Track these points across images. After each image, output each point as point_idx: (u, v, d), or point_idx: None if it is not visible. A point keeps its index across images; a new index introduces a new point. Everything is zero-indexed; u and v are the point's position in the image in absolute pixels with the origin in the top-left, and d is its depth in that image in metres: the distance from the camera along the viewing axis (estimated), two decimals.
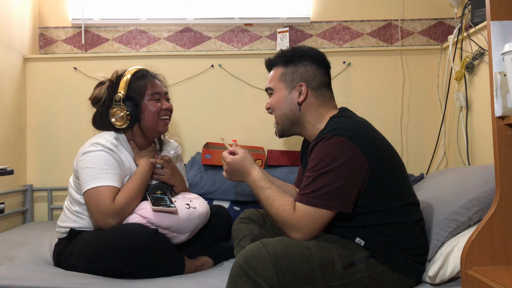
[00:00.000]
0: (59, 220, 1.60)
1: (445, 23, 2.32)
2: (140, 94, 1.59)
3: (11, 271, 1.38)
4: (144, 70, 1.65)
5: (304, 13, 2.33)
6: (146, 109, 1.59)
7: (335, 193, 1.17)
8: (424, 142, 2.27)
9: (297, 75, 1.39)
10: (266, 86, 1.47)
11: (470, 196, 1.33)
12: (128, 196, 1.47)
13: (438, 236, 1.30)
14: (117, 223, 1.44)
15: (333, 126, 1.25)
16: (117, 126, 1.57)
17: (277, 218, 1.23)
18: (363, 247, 1.22)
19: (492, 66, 1.11)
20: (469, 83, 1.98)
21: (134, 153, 1.61)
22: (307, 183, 1.21)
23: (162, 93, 1.64)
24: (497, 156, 1.11)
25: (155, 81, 1.64)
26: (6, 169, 1.41)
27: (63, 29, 2.35)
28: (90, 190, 1.44)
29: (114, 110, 1.56)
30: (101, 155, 1.49)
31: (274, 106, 1.42)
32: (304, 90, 1.37)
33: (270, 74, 1.46)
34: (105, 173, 1.47)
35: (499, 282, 1.00)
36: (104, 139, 1.53)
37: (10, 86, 2.13)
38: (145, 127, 1.61)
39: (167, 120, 1.65)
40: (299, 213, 1.19)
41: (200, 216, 1.55)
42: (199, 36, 2.36)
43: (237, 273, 1.11)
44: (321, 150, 1.21)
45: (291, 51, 1.44)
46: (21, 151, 2.23)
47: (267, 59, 1.49)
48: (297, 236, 1.19)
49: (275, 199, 1.25)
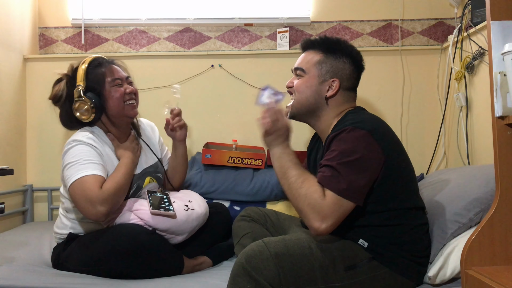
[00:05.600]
0: (56, 226, 1.57)
1: (445, 23, 2.32)
2: (100, 82, 1.51)
3: (11, 272, 1.38)
4: (100, 57, 1.58)
5: (304, 13, 2.33)
6: (109, 97, 1.51)
7: (356, 185, 1.14)
8: (424, 142, 2.27)
9: (334, 70, 1.35)
10: (297, 65, 1.40)
11: (470, 197, 1.32)
12: (116, 183, 1.40)
13: (440, 238, 1.30)
14: (107, 211, 1.36)
15: (353, 120, 1.23)
16: (84, 120, 1.49)
17: (305, 198, 1.14)
18: (366, 248, 1.22)
19: (492, 66, 1.11)
20: (469, 83, 1.98)
21: (114, 145, 1.55)
22: (329, 171, 1.16)
23: (123, 78, 1.56)
24: (497, 156, 1.11)
25: (112, 67, 1.56)
26: (6, 169, 1.41)
27: (63, 29, 2.35)
28: (74, 182, 1.37)
29: (77, 104, 1.48)
30: (80, 149, 1.43)
31: (299, 89, 1.36)
32: (336, 87, 1.35)
33: (305, 54, 1.41)
34: (88, 163, 1.40)
35: (499, 282, 1.00)
36: (80, 135, 1.48)
37: (10, 86, 2.13)
38: (113, 115, 1.53)
39: (133, 103, 1.56)
40: (329, 200, 1.12)
41: (198, 218, 1.54)
42: (199, 36, 2.35)
43: (239, 272, 1.11)
44: (342, 141, 1.18)
45: (336, 42, 1.39)
46: (21, 151, 2.23)
47: (308, 39, 1.43)
48: (321, 226, 1.11)
49: (307, 179, 1.17)
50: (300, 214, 1.18)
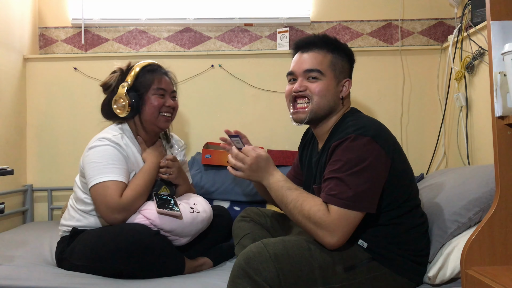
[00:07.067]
0: (63, 218, 1.60)
1: (445, 23, 2.32)
2: (146, 86, 1.58)
3: (11, 271, 1.38)
4: (156, 65, 1.65)
5: (304, 13, 2.33)
6: (148, 102, 1.58)
7: (366, 194, 1.14)
8: (424, 142, 2.27)
9: (344, 69, 1.35)
10: (309, 66, 1.32)
11: (470, 197, 1.32)
12: (136, 192, 1.46)
13: (439, 238, 1.29)
14: (124, 218, 1.43)
15: (354, 126, 1.22)
16: (118, 114, 1.56)
17: (309, 220, 1.15)
18: (365, 249, 1.22)
19: (492, 66, 1.11)
20: (469, 83, 1.98)
21: (141, 148, 1.61)
22: (335, 184, 1.16)
23: (168, 90, 1.63)
24: (497, 156, 1.11)
25: (163, 77, 1.62)
26: (6, 169, 1.41)
27: (63, 29, 2.35)
28: (97, 185, 1.43)
29: (117, 98, 1.56)
30: (107, 150, 1.48)
31: (321, 93, 1.31)
32: (348, 86, 1.35)
33: (313, 55, 1.34)
34: (112, 168, 1.46)
35: (499, 282, 1.00)
36: (110, 134, 1.53)
37: (10, 86, 2.13)
38: (145, 120, 1.59)
39: (168, 117, 1.62)
40: (334, 215, 1.13)
41: (203, 221, 1.55)
42: (199, 36, 2.35)
43: (238, 273, 1.11)
44: (347, 151, 1.17)
45: (336, 40, 1.37)
46: (21, 151, 2.23)
47: (308, 38, 1.38)
48: (331, 241, 1.13)
49: (305, 200, 1.19)
50: (310, 234, 1.19)
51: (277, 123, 2.26)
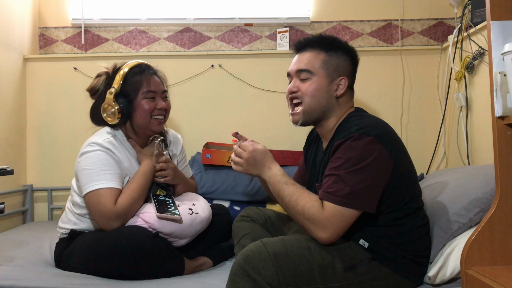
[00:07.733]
0: (61, 220, 1.59)
1: (445, 23, 2.32)
2: (135, 90, 1.52)
3: (11, 271, 1.37)
4: (143, 65, 1.58)
5: (304, 13, 2.33)
6: (138, 107, 1.52)
7: (363, 192, 1.14)
8: (424, 142, 2.27)
9: (340, 68, 1.33)
10: (300, 67, 1.33)
11: (471, 197, 1.32)
12: (131, 198, 1.44)
13: (440, 238, 1.29)
14: (121, 225, 1.41)
15: (358, 125, 1.21)
16: (108, 122, 1.52)
17: (303, 215, 1.17)
18: (366, 249, 1.21)
19: (492, 66, 1.11)
20: (469, 83, 1.98)
21: (136, 151, 1.57)
22: (333, 181, 1.16)
23: (159, 92, 1.56)
24: (497, 156, 1.11)
25: (152, 78, 1.56)
26: (6, 169, 1.41)
27: (63, 29, 2.35)
28: (90, 193, 1.41)
29: (106, 105, 1.51)
30: (99, 155, 1.45)
31: (310, 93, 1.31)
32: (344, 85, 1.33)
33: (306, 55, 1.34)
34: (104, 174, 1.43)
35: (499, 282, 1.00)
36: (101, 137, 1.50)
37: (10, 86, 2.13)
38: (137, 125, 1.55)
39: (161, 119, 1.57)
40: (328, 212, 1.14)
41: (202, 222, 1.53)
42: (199, 36, 2.35)
43: (237, 272, 1.11)
44: (349, 149, 1.18)
45: (333, 39, 1.36)
46: (21, 151, 2.23)
47: (304, 39, 1.37)
48: (323, 236, 1.14)
49: (301, 195, 1.20)
50: (303, 229, 1.21)
51: (277, 123, 2.26)
